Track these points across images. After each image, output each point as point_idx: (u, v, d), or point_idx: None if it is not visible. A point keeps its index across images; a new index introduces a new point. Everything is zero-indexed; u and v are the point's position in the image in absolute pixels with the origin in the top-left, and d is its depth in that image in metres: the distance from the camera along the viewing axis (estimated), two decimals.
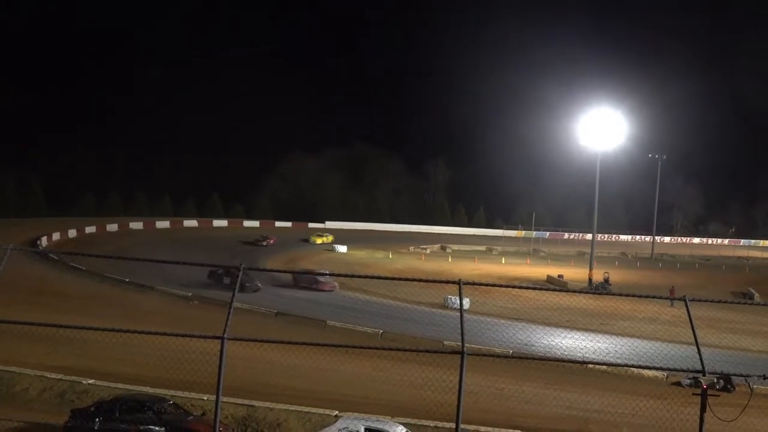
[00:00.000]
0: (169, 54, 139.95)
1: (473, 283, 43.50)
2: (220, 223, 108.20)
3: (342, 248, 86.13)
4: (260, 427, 19.15)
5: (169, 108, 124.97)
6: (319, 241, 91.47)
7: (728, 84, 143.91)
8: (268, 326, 37.06)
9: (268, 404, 20.23)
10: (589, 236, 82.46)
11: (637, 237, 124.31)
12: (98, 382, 21.46)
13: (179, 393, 20.09)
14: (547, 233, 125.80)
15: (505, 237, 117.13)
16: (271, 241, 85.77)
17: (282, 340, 14.47)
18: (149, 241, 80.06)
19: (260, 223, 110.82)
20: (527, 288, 43.36)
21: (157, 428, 17.06)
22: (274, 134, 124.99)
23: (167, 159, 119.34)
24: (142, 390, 20.14)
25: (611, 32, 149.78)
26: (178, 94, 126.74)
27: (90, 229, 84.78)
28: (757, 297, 66.78)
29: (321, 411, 20.05)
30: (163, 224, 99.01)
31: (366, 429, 17.53)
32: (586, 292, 66.50)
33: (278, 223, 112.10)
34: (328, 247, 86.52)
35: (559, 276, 69.98)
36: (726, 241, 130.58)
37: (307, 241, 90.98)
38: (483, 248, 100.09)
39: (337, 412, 19.95)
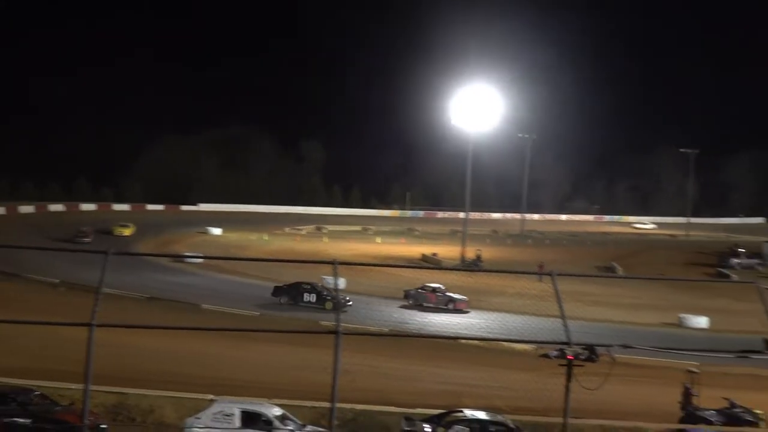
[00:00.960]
0: (40, 34, 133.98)
1: (348, 263, 43.61)
2: (89, 206, 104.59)
3: (216, 230, 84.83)
4: (132, 415, 18.79)
5: (27, 85, 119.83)
6: (126, 232, 78.22)
7: (595, 65, 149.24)
8: (140, 312, 36.18)
9: (140, 391, 19.85)
10: (462, 215, 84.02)
11: (508, 215, 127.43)
12: None
13: (46, 383, 19.45)
14: (422, 212, 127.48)
15: (380, 217, 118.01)
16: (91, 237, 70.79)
17: (154, 325, 14.19)
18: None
19: (131, 207, 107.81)
20: (402, 267, 43.89)
21: (22, 420, 16.47)
22: (145, 115, 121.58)
23: (30, 141, 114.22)
24: (7, 382, 19.37)
25: (483, 13, 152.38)
26: (41, 72, 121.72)
27: None
28: (619, 270, 69.85)
29: (196, 396, 19.82)
30: (27, 209, 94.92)
31: (242, 411, 17.44)
32: (459, 270, 67.99)
33: (150, 206, 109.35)
34: (201, 230, 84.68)
35: (433, 254, 71.18)
36: (591, 218, 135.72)
37: (110, 233, 75.91)
38: (359, 228, 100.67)
39: (212, 396, 19.75)
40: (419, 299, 46.34)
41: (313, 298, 43.29)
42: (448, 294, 45.93)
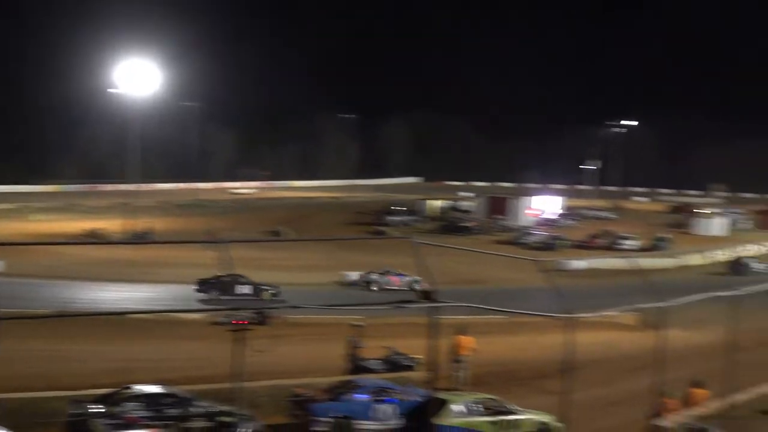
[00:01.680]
0: None
1: (3, 244, 40.66)
2: None
3: None
4: None
5: None
6: None
7: (260, 33, 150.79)
8: None
9: None
10: (128, 186, 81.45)
11: (177, 185, 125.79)
12: None
13: None
14: (86, 186, 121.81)
15: (39, 193, 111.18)
16: None
17: None
18: None
19: None
20: (65, 243, 41.77)
21: None
22: None
23: None
24: None
25: None
26: None
27: None
28: (287, 234, 71.95)
29: None
30: None
31: None
32: (126, 243, 66.17)
33: None
34: None
35: (100, 229, 68.41)
36: (261, 184, 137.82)
37: None
38: (13, 206, 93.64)
39: None
40: (382, 283, 45.36)
41: (247, 289, 40.21)
42: (412, 277, 42.77)
